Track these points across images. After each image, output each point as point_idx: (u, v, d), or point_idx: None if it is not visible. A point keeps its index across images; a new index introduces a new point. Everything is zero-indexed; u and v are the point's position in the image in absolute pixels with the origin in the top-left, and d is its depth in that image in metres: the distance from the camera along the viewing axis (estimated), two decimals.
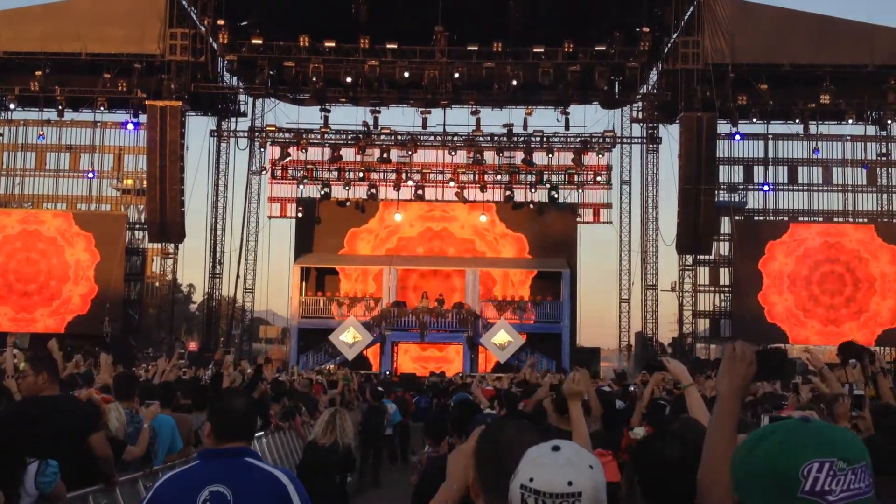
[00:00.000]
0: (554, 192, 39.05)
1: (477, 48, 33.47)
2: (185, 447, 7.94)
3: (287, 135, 39.06)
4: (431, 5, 31.19)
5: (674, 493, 2.65)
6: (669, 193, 49.88)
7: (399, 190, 39.19)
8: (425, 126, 37.34)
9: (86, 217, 37.71)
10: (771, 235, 36.92)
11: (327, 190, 39.18)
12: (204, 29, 34.74)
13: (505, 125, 37.93)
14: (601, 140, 38.72)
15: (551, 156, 38.62)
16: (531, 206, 39.25)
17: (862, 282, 36.29)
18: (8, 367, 9.42)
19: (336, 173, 39.36)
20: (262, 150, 40.53)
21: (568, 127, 37.15)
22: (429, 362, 36.99)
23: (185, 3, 34.69)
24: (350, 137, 38.93)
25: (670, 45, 34.83)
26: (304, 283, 38.24)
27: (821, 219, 38.32)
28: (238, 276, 40.41)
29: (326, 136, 38.62)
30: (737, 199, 38.75)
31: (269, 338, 49.16)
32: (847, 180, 38.79)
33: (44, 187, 39.37)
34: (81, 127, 38.96)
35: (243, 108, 40.03)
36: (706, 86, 33.42)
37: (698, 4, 33.85)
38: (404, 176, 39.01)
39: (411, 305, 36.87)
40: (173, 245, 38.09)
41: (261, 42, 34.22)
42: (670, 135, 37.94)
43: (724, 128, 36.62)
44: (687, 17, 34.23)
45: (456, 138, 38.62)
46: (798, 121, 37.34)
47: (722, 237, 38.33)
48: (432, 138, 38.72)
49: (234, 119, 40.34)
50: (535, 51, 33.71)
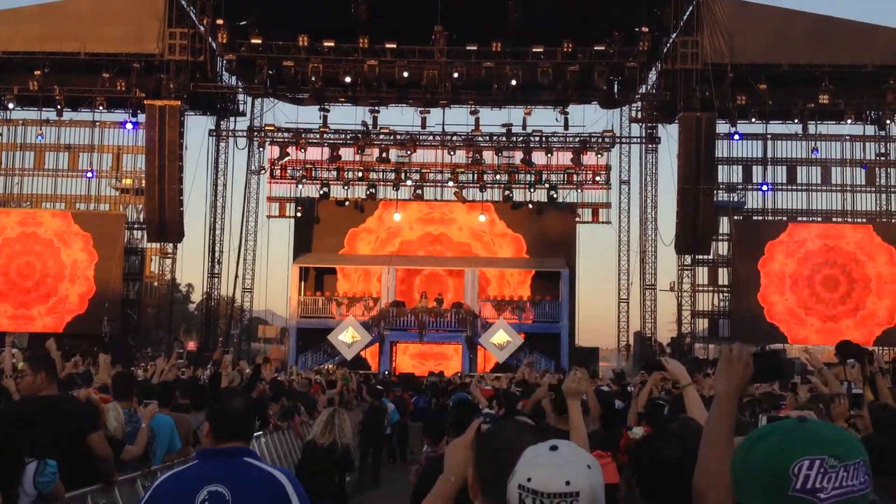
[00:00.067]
0: (553, 192, 39.06)
1: (476, 48, 33.45)
2: (183, 447, 7.92)
3: (286, 134, 39.06)
4: (430, 5, 31.17)
5: (673, 493, 2.65)
6: (668, 193, 50.00)
7: (398, 190, 39.20)
8: (424, 126, 37.34)
9: (84, 217, 37.67)
10: (770, 235, 36.91)
11: (326, 190, 39.18)
12: (203, 28, 34.72)
13: (504, 125, 37.93)
14: (600, 140, 38.75)
15: (550, 156, 38.59)
16: (530, 205, 39.23)
17: (858, 282, 36.31)
18: (6, 367, 9.40)
19: (335, 173, 39.34)
20: (261, 149, 40.49)
21: (567, 127, 37.15)
22: (427, 360, 37.01)
23: (184, 2, 34.66)
24: (349, 137, 38.90)
25: (669, 45, 34.82)
26: (302, 283, 38.19)
27: (819, 219, 38.32)
28: (237, 276, 40.38)
29: (325, 135, 38.59)
30: (736, 199, 38.76)
31: (267, 337, 49.19)
32: (846, 180, 38.82)
33: (42, 187, 39.38)
34: (80, 126, 38.93)
35: (242, 107, 40.06)
36: (705, 86, 33.43)
37: (697, 4, 33.86)
38: (403, 176, 38.99)
39: (410, 305, 36.87)
40: (172, 245, 38.07)
41: (260, 42, 34.21)
42: (669, 135, 38.02)
43: (722, 128, 36.61)
44: (686, 17, 34.24)
45: (455, 138, 38.60)
46: (797, 121, 37.35)
47: (721, 237, 38.33)
48: (431, 138, 38.69)
49: (233, 119, 40.32)
50: (535, 51, 33.69)
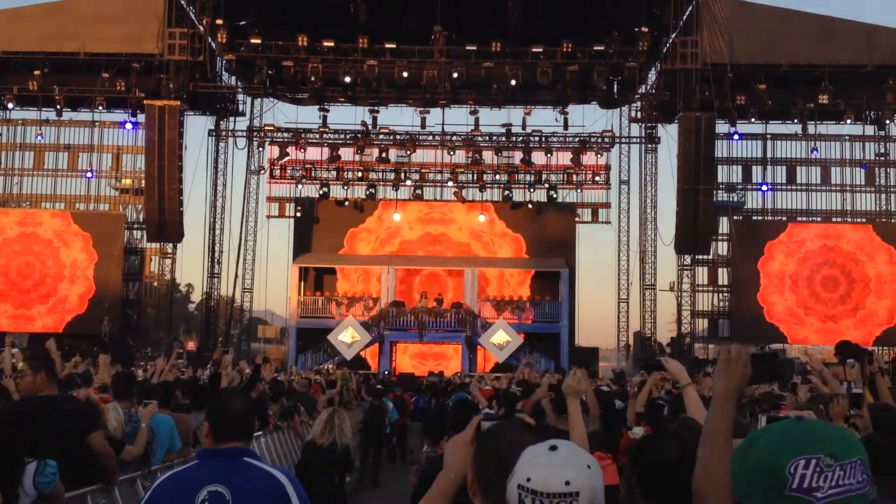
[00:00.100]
0: (553, 192, 39.04)
1: (476, 48, 33.44)
2: (183, 447, 7.92)
3: (285, 134, 39.04)
4: (430, 5, 31.17)
5: (673, 493, 2.65)
6: (668, 193, 49.93)
7: (398, 190, 39.19)
8: (424, 126, 37.31)
9: (84, 217, 37.64)
10: (769, 235, 36.90)
11: (326, 189, 39.15)
12: (202, 28, 34.70)
13: (504, 125, 37.90)
14: (600, 140, 38.74)
15: (550, 155, 38.57)
16: (530, 205, 39.19)
17: (857, 282, 36.30)
18: (6, 367, 9.40)
19: (335, 173, 39.31)
20: (261, 149, 40.46)
21: (567, 127, 37.11)
22: (427, 360, 37.01)
23: (183, 2, 34.66)
24: (349, 137, 38.88)
25: (669, 45, 34.82)
26: (302, 283, 38.18)
27: (819, 219, 38.29)
28: (236, 276, 40.33)
29: (325, 135, 38.56)
30: (735, 199, 38.73)
31: (267, 337, 49.22)
32: (845, 180, 38.78)
33: (42, 187, 39.33)
34: (80, 126, 38.88)
35: (242, 107, 40.00)
36: (705, 86, 33.42)
37: (697, 4, 33.85)
38: (403, 176, 38.97)
39: (410, 305, 36.86)
40: (172, 245, 38.05)
41: (259, 42, 34.20)
42: (669, 135, 38.00)
43: (722, 128, 36.60)
44: (685, 17, 34.23)
45: (455, 138, 38.58)
46: (796, 121, 37.34)
47: (720, 237, 38.30)
48: (431, 138, 38.67)
49: (232, 119, 40.27)
50: (534, 51, 33.68)
